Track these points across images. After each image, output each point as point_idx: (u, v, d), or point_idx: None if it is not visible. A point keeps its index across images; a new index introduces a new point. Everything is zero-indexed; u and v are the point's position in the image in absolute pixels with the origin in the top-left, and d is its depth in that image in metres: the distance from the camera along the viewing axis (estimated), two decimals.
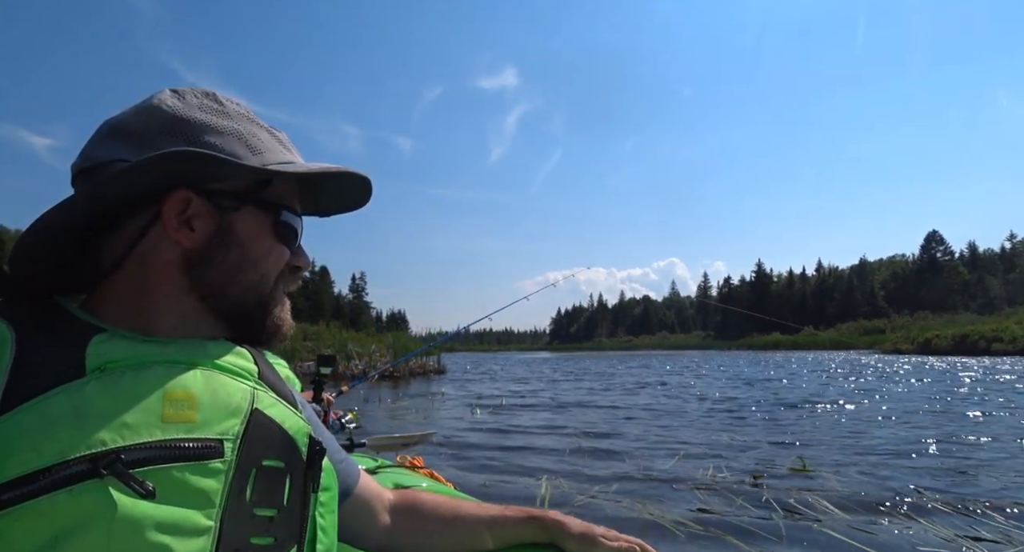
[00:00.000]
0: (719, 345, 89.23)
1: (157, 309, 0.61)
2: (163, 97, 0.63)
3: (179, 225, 0.60)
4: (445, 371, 22.94)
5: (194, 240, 0.61)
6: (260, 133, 0.66)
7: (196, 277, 0.61)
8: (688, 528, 3.28)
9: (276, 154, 0.65)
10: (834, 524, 3.28)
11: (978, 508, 3.55)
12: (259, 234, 0.65)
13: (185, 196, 0.60)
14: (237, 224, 0.63)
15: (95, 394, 0.50)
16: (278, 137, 0.69)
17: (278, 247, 0.66)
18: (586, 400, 11.31)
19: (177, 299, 0.61)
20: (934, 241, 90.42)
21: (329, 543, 0.64)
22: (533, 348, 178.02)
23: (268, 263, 0.66)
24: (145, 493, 0.48)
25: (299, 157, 0.70)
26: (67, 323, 0.56)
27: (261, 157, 0.63)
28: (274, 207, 0.66)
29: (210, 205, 0.62)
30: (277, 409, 0.61)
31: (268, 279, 0.66)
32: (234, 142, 0.62)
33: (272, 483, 0.58)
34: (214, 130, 0.62)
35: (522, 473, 4.82)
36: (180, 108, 0.62)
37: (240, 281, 0.64)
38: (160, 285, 0.61)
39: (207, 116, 0.63)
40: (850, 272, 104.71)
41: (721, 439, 6.35)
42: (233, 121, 0.64)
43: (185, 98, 0.64)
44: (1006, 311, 56.96)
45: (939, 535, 3.09)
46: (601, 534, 0.88)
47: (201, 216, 0.61)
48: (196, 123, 0.61)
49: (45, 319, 0.56)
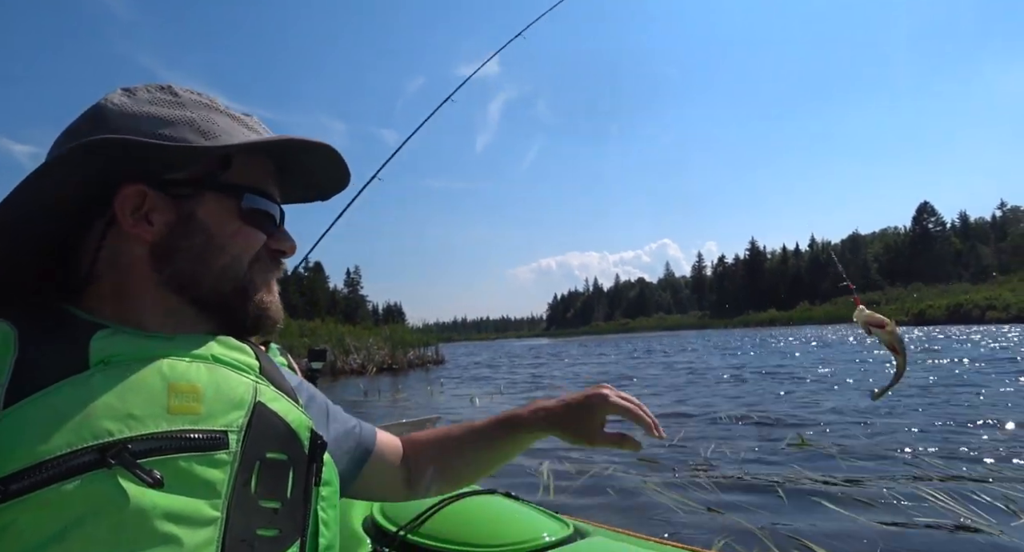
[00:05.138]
0: (716, 324, 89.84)
1: (141, 308, 0.60)
2: (111, 96, 0.62)
3: (136, 221, 0.59)
4: (444, 361, 23.01)
5: (155, 233, 0.60)
6: (218, 118, 0.64)
7: (166, 270, 0.61)
8: (688, 505, 3.31)
9: (235, 137, 0.63)
10: (833, 497, 3.32)
11: (978, 477, 3.59)
12: (223, 218, 0.63)
13: (137, 191, 0.59)
14: (198, 211, 0.62)
15: (100, 386, 0.50)
16: (243, 120, 0.66)
17: (246, 229, 0.64)
18: (587, 382, 11.34)
19: (156, 295, 0.61)
20: (925, 212, 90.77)
21: (331, 537, 0.63)
22: (531, 335, 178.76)
23: (237, 246, 0.64)
24: (153, 482, 0.48)
25: (268, 136, 0.67)
26: (68, 321, 0.56)
27: (216, 141, 0.61)
28: (236, 189, 0.64)
29: (166, 196, 0.60)
30: (279, 403, 0.61)
31: (240, 262, 0.64)
32: (184, 130, 0.60)
33: (276, 476, 0.58)
34: (162, 121, 0.60)
35: (523, 456, 4.84)
36: (127, 105, 0.60)
37: (211, 267, 0.62)
38: (136, 284, 0.60)
39: (156, 108, 0.61)
40: (843, 246, 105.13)
41: (720, 416, 6.41)
42: (187, 110, 0.62)
43: (136, 94, 0.62)
44: (999, 279, 57.31)
45: (939, 503, 3.12)
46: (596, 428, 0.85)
47: (158, 208, 0.60)
48: (142, 117, 0.60)
49: (45, 318, 0.56)
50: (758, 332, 44.85)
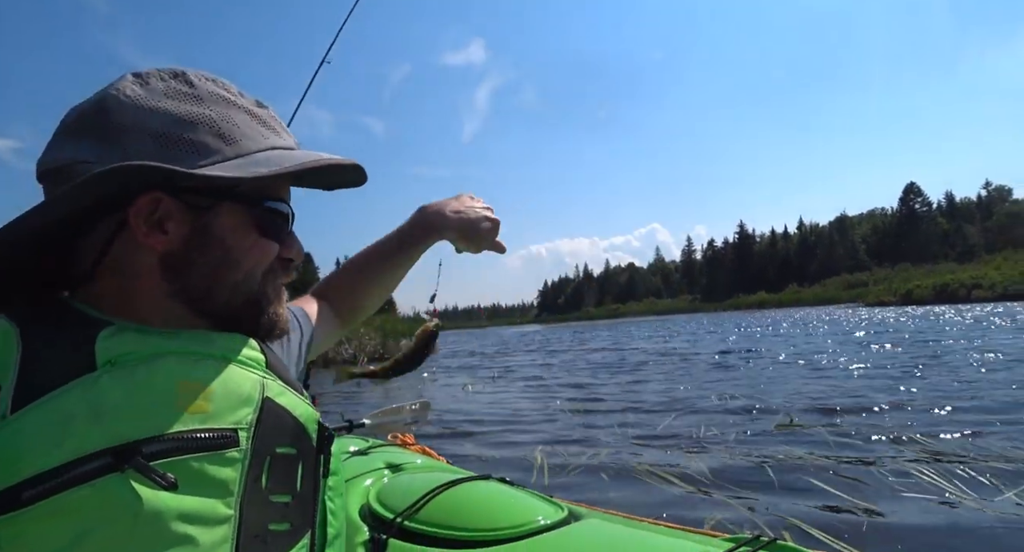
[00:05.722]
0: (706, 307, 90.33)
1: (145, 312, 0.59)
2: (123, 86, 0.58)
3: (149, 229, 0.57)
4: (437, 351, 22.93)
5: (168, 243, 0.58)
6: (237, 116, 0.61)
7: (177, 282, 0.59)
8: (679, 486, 3.36)
9: (255, 140, 0.61)
10: (822, 476, 3.38)
11: (962, 454, 3.67)
12: (240, 231, 0.61)
13: (153, 198, 0.57)
14: (215, 222, 0.60)
15: (109, 388, 0.49)
16: (259, 116, 0.64)
17: (262, 241, 0.63)
18: (579, 368, 11.42)
19: (161, 304, 0.60)
20: (912, 192, 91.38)
21: (339, 526, 0.64)
22: (522, 322, 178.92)
23: (252, 260, 0.63)
24: (167, 485, 0.48)
25: (285, 134, 0.66)
26: (70, 317, 0.55)
27: (237, 146, 0.59)
28: (255, 200, 0.62)
29: (182, 205, 0.58)
30: (286, 397, 0.60)
31: (254, 276, 0.63)
32: (205, 133, 0.58)
33: (286, 470, 0.58)
34: (181, 121, 0.57)
35: (517, 443, 4.88)
36: (143, 97, 0.57)
37: (225, 283, 0.61)
38: (142, 291, 0.59)
39: (174, 104, 0.58)
40: (831, 228, 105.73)
41: (711, 398, 6.46)
42: (205, 106, 0.59)
43: (149, 83, 0.59)
44: (985, 258, 57.96)
45: (924, 479, 3.19)
46: (471, 217, 1.05)
47: (173, 218, 0.58)
48: (161, 114, 0.57)
49: (47, 314, 0.55)
50: (749, 315, 45.16)
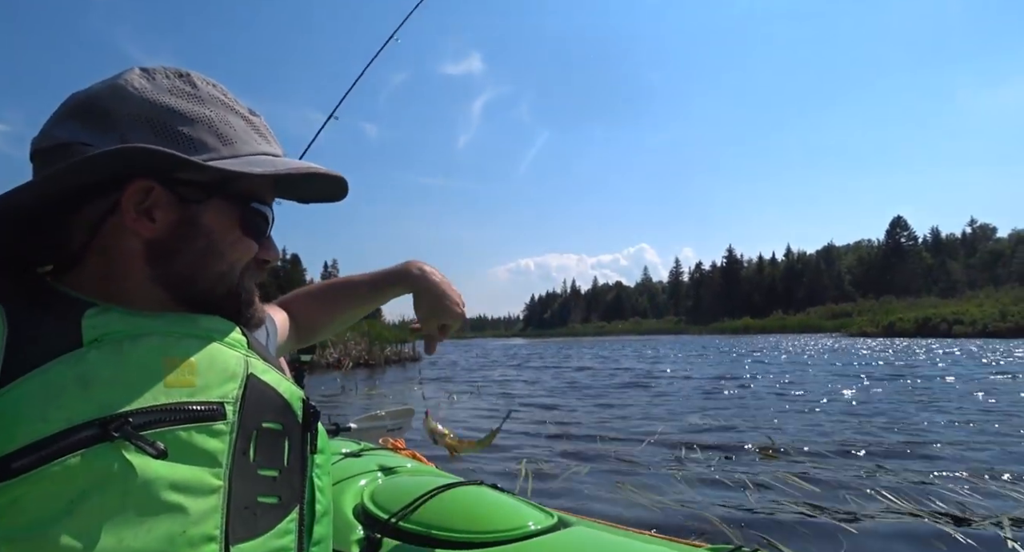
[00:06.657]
0: (692, 329, 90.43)
1: (128, 296, 0.60)
2: (131, 77, 0.60)
3: (138, 215, 0.58)
4: (420, 358, 22.88)
5: (154, 230, 0.59)
6: (234, 120, 0.63)
7: (161, 268, 0.60)
8: (661, 503, 3.38)
9: (249, 144, 0.63)
10: (801, 498, 3.42)
11: (939, 481, 3.72)
12: (226, 227, 0.63)
13: (145, 186, 0.58)
14: (203, 216, 0.61)
15: (97, 362, 0.51)
16: (253, 122, 0.66)
17: (245, 240, 0.65)
18: (564, 385, 11.43)
19: (144, 288, 0.61)
20: (899, 226, 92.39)
21: (327, 503, 0.66)
22: (507, 334, 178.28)
23: (235, 254, 0.65)
24: (157, 453, 0.49)
25: (275, 144, 0.68)
26: (57, 297, 0.56)
27: (232, 147, 0.61)
28: (242, 200, 0.64)
29: (173, 196, 0.59)
30: (270, 375, 0.62)
31: (235, 270, 0.65)
32: (203, 130, 0.60)
33: (273, 444, 0.60)
34: (183, 117, 0.59)
35: (501, 454, 4.88)
36: (148, 90, 0.59)
37: (208, 272, 0.63)
38: (126, 275, 0.60)
39: (176, 100, 0.60)
40: (818, 257, 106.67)
41: (693, 418, 6.51)
42: (205, 106, 0.61)
43: (155, 79, 0.61)
44: (967, 294, 58.60)
45: (902, 507, 3.24)
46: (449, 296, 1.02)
47: (162, 207, 0.59)
48: (163, 108, 0.59)
49: (33, 294, 0.56)
50: (733, 339, 45.33)
